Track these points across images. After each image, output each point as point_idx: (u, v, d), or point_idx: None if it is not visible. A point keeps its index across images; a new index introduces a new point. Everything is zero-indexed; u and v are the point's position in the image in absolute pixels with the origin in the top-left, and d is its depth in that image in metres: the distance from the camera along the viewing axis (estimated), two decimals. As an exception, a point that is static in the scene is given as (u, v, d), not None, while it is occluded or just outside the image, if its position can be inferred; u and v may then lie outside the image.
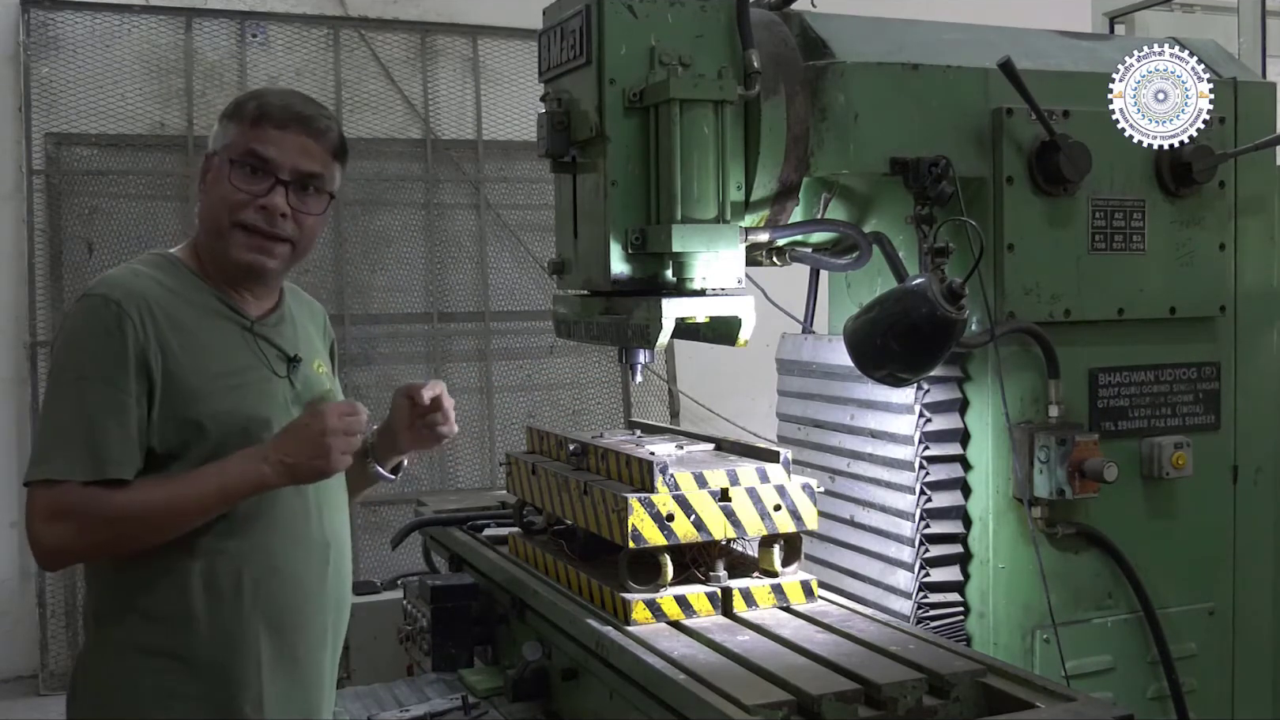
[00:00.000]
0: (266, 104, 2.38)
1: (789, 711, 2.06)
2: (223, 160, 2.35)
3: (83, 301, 2.26)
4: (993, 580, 2.79)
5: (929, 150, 2.64)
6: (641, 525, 2.51)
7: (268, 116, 2.35)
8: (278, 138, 2.34)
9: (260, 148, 2.33)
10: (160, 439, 2.23)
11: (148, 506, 2.20)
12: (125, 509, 2.19)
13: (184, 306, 2.30)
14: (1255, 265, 3.05)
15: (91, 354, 2.20)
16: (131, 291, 2.25)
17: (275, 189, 2.34)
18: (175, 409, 2.23)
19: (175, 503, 2.21)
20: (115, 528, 2.20)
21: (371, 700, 2.98)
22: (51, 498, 2.16)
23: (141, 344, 2.20)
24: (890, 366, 2.56)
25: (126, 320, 2.20)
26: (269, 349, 2.41)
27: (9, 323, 6.52)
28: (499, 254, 7.32)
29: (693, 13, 2.60)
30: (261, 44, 6.91)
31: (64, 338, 2.29)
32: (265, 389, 2.36)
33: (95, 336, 2.21)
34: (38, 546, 2.20)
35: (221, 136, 2.38)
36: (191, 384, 2.25)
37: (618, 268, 2.58)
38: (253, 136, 2.34)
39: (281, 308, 2.49)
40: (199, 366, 2.27)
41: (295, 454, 2.24)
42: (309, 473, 2.28)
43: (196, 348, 2.28)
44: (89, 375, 2.19)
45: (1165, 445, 2.89)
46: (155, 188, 6.71)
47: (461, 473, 7.09)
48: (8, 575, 6.48)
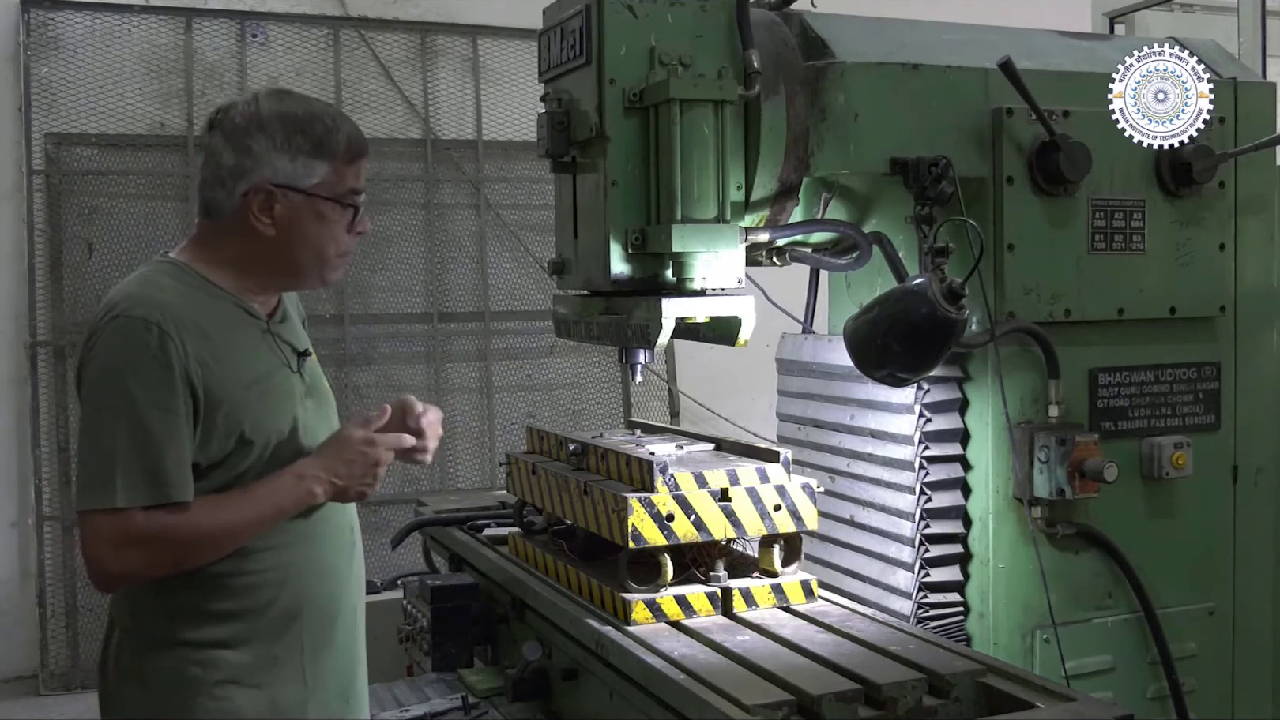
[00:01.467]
0: (353, 139, 2.40)
1: (789, 711, 2.07)
2: (317, 199, 2.35)
3: (119, 323, 2.23)
4: (993, 580, 2.79)
5: (929, 150, 2.64)
6: (641, 525, 2.51)
7: (359, 152, 2.41)
8: (360, 168, 2.42)
9: (359, 184, 2.41)
10: (204, 452, 2.26)
11: (212, 530, 2.26)
12: (191, 533, 2.24)
13: (210, 317, 2.32)
14: (1255, 265, 3.05)
15: (140, 379, 2.20)
16: (166, 309, 2.25)
17: (362, 214, 2.44)
18: (217, 422, 2.26)
19: (237, 525, 2.28)
20: (180, 550, 2.25)
21: (371, 700, 2.96)
22: (117, 525, 2.19)
23: (184, 364, 2.22)
24: (890, 366, 2.56)
25: (170, 342, 2.21)
26: (284, 346, 2.45)
27: (9, 323, 6.51)
28: (499, 254, 7.32)
29: (693, 13, 2.60)
30: (261, 44, 6.91)
31: (104, 361, 2.24)
32: (286, 388, 2.41)
33: (142, 360, 2.21)
34: (101, 570, 2.24)
35: (303, 173, 2.33)
36: (230, 396, 2.28)
37: (618, 268, 2.58)
38: (351, 174, 2.39)
39: (282, 303, 2.52)
40: (233, 377, 2.29)
41: (347, 478, 2.35)
42: (354, 496, 2.40)
43: (229, 359, 2.30)
44: (141, 400, 2.20)
45: (1165, 445, 2.89)
46: (155, 188, 6.70)
47: (461, 473, 7.09)
48: (8, 575, 6.48)
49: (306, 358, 2.50)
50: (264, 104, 2.35)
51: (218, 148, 2.34)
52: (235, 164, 2.31)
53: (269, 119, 2.32)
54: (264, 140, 2.31)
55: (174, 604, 2.30)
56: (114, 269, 6.51)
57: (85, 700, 6.05)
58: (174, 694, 2.29)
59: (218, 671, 2.29)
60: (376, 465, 2.36)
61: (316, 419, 2.46)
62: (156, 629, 2.31)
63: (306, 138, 2.33)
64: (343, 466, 2.34)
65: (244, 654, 2.32)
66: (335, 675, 2.47)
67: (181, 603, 2.30)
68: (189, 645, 2.29)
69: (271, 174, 2.31)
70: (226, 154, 2.32)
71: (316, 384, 2.53)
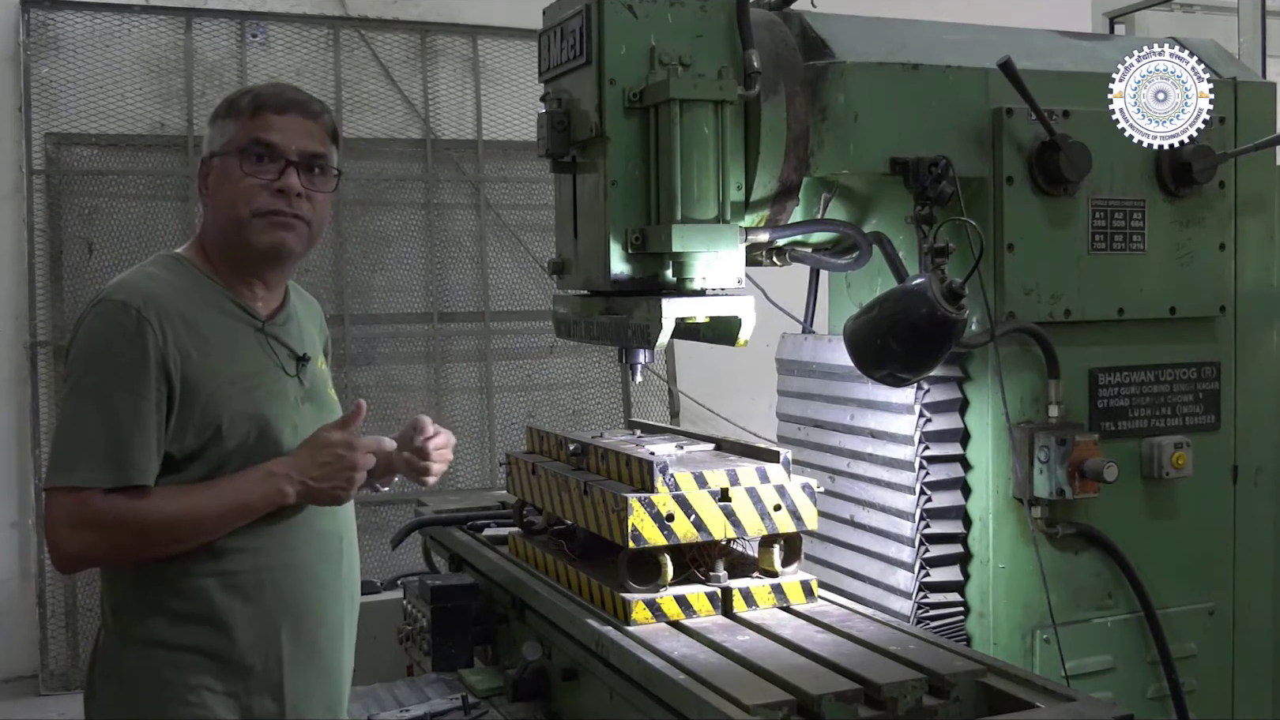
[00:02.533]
0: (261, 94, 2.43)
1: (789, 711, 2.06)
2: (227, 156, 2.38)
3: (100, 306, 2.26)
4: (993, 580, 2.79)
5: (929, 150, 2.64)
6: (641, 525, 2.51)
7: (265, 105, 2.40)
8: (280, 123, 2.38)
9: (265, 135, 2.37)
10: (178, 443, 2.25)
11: (169, 517, 2.24)
12: (147, 518, 2.23)
13: (198, 309, 2.33)
14: (1255, 265, 3.05)
15: (113, 361, 2.22)
16: (150, 296, 2.26)
17: (288, 170, 2.37)
18: (193, 413, 2.26)
19: (197, 515, 2.26)
20: (137, 536, 2.24)
21: (371, 700, 2.97)
22: (75, 504, 2.19)
23: (161, 350, 2.23)
24: (890, 366, 2.56)
25: (146, 326, 2.22)
26: (279, 348, 2.45)
27: (9, 323, 6.51)
28: (499, 254, 7.32)
29: (693, 13, 2.60)
30: (261, 44, 6.91)
31: (83, 343, 2.27)
32: (276, 389, 2.40)
33: (116, 343, 2.22)
34: (57, 551, 2.25)
35: (219, 136, 2.41)
36: (209, 388, 2.27)
37: (618, 268, 2.58)
38: (255, 126, 2.38)
39: (288, 306, 2.53)
40: (216, 370, 2.29)
41: (321, 480, 2.31)
42: (328, 499, 2.36)
43: (213, 351, 2.30)
44: (111, 382, 2.21)
45: (1165, 445, 2.89)
46: (155, 188, 6.71)
47: (461, 473, 7.08)
48: (8, 575, 6.48)
49: (306, 362, 2.49)
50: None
51: None
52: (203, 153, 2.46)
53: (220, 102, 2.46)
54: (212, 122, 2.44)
55: (149, 602, 2.29)
56: (114, 269, 6.50)
57: (85, 700, 6.06)
58: (149, 695, 2.28)
59: (191, 675, 2.28)
60: (353, 469, 2.33)
61: (314, 425, 2.41)
62: (134, 628, 2.31)
63: (226, 104, 2.43)
64: (317, 468, 2.31)
65: (218, 660, 2.29)
66: (319, 688, 2.43)
67: (156, 601, 2.29)
68: (163, 646, 2.29)
69: (207, 147, 2.43)
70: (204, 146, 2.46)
71: (318, 390, 2.52)
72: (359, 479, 2.36)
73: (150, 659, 2.29)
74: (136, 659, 2.30)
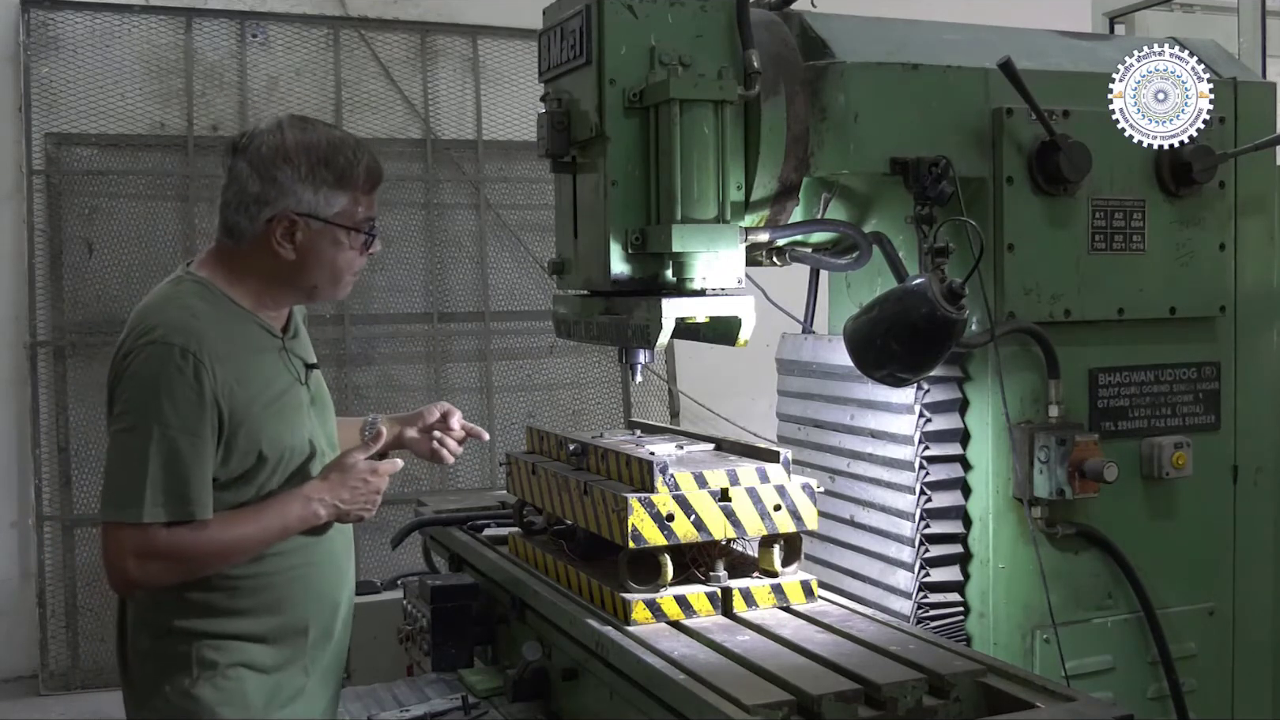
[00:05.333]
0: (373, 170, 2.54)
1: (789, 711, 2.06)
2: (335, 228, 2.49)
3: (157, 348, 2.37)
4: (993, 580, 2.79)
5: (929, 150, 2.64)
6: (641, 525, 2.51)
7: (376, 181, 2.55)
8: (375, 196, 2.58)
9: (372, 211, 2.56)
10: (225, 468, 2.43)
11: (224, 545, 2.44)
12: (207, 548, 2.42)
13: (234, 339, 2.47)
14: (1255, 265, 3.05)
15: (173, 404, 2.36)
16: (201, 338, 2.40)
17: (375, 237, 2.58)
18: (238, 441, 2.43)
19: (247, 541, 2.46)
20: (197, 563, 2.43)
21: (371, 700, 2.98)
22: (141, 538, 2.36)
23: (214, 390, 2.38)
24: (890, 366, 2.56)
25: (204, 371, 2.37)
26: (295, 360, 2.61)
27: (9, 323, 6.51)
28: (499, 254, 7.32)
29: (693, 13, 2.60)
30: (261, 44, 6.91)
31: (139, 384, 2.38)
32: (297, 402, 2.57)
33: (176, 387, 2.36)
34: (123, 579, 2.40)
35: (323, 203, 2.48)
36: (251, 416, 2.44)
37: (618, 268, 2.58)
38: (369, 204, 2.55)
39: (294, 315, 2.67)
40: (253, 397, 2.45)
41: (349, 502, 2.55)
42: (354, 519, 2.60)
43: (251, 380, 2.46)
44: (173, 425, 2.35)
45: (1165, 445, 2.89)
46: (155, 188, 6.71)
47: (461, 473, 7.08)
48: (8, 575, 6.48)
49: (313, 369, 2.66)
50: (289, 134, 2.49)
51: (243, 174, 2.47)
52: (260, 192, 2.46)
53: (294, 150, 2.47)
54: (289, 171, 2.45)
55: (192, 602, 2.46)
56: (114, 269, 6.52)
57: (85, 700, 6.06)
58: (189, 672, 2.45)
59: (232, 655, 2.47)
60: (377, 493, 2.57)
61: (318, 426, 2.63)
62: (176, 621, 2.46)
63: (330, 169, 2.48)
64: (346, 492, 2.54)
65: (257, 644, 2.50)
66: (331, 662, 2.66)
67: (200, 601, 2.46)
68: (205, 636, 2.46)
69: (295, 203, 2.47)
70: (252, 182, 2.46)
71: (319, 393, 2.69)
72: (379, 501, 2.59)
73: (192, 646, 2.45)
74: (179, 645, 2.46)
